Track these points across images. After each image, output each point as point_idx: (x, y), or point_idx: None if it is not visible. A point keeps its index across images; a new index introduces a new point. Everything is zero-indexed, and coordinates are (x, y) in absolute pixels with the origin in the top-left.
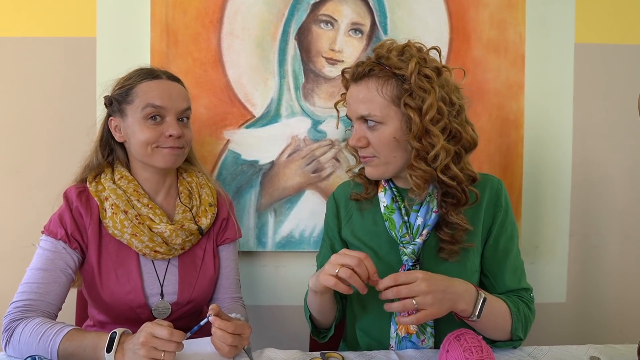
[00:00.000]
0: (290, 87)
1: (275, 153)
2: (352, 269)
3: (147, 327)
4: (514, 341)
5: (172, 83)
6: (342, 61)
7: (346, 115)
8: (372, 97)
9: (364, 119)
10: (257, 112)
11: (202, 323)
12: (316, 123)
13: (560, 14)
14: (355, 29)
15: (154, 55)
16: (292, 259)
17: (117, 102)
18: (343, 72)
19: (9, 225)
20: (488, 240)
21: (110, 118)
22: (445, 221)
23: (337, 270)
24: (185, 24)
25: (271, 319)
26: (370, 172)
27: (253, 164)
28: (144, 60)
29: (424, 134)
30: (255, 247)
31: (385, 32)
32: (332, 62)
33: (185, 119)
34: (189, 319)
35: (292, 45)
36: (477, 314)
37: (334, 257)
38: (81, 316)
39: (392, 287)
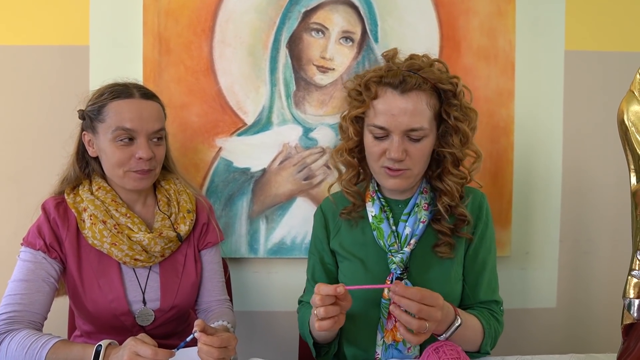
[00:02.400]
0: (281, 95)
1: (267, 160)
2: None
3: (130, 345)
4: (480, 353)
5: (145, 102)
6: (333, 69)
7: (376, 127)
8: (422, 110)
9: (406, 132)
10: (249, 119)
11: (188, 339)
12: (307, 130)
13: (550, 21)
14: (346, 37)
15: (146, 63)
16: (284, 266)
17: (89, 118)
18: (369, 79)
19: (2, 231)
20: (468, 250)
21: (84, 132)
22: (446, 215)
23: (315, 313)
24: (178, 32)
25: (263, 325)
26: (399, 184)
27: (245, 171)
28: (137, 68)
29: (466, 144)
30: (247, 254)
31: (376, 40)
32: (323, 70)
33: (157, 139)
34: (174, 324)
35: (284, 54)
36: (446, 336)
37: (311, 301)
38: (73, 327)
39: (414, 301)
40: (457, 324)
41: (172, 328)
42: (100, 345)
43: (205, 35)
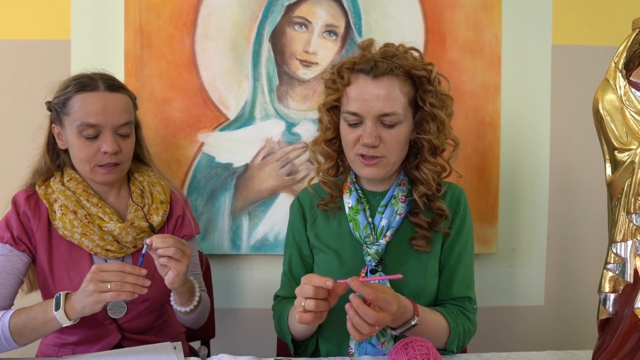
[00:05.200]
0: (264, 90)
1: (250, 156)
2: (314, 298)
3: (94, 266)
4: (446, 351)
5: (111, 95)
6: (317, 63)
7: (350, 113)
8: (395, 95)
9: (380, 117)
10: (231, 114)
11: (143, 252)
12: (290, 125)
13: (537, 15)
14: (330, 30)
15: (127, 57)
16: (267, 262)
17: (55, 111)
18: (342, 66)
19: None
20: (444, 244)
21: (53, 125)
22: (423, 208)
23: (303, 304)
24: (159, 27)
25: (246, 322)
26: (375, 173)
27: (227, 166)
28: (118, 63)
29: (443, 132)
30: (230, 250)
31: (360, 34)
32: (307, 64)
33: (124, 132)
34: (149, 317)
35: (266, 48)
36: (399, 332)
37: (296, 290)
38: None
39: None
40: (412, 323)
41: (148, 322)
42: (60, 293)
43: (187, 29)
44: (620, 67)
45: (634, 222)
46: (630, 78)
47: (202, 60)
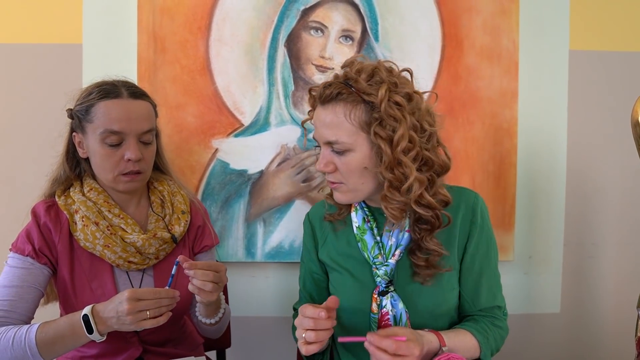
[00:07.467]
0: (279, 95)
1: (265, 162)
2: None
3: (129, 293)
4: None
5: (134, 102)
6: (332, 68)
7: (313, 137)
8: (339, 122)
9: (329, 144)
10: (246, 120)
11: (173, 272)
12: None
13: (554, 20)
14: (346, 35)
15: (140, 62)
16: (282, 270)
17: (77, 118)
18: (310, 90)
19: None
20: (464, 257)
21: (74, 133)
22: (419, 246)
23: (304, 336)
24: (173, 31)
25: (260, 331)
26: (338, 198)
27: (242, 173)
28: (131, 67)
29: (396, 165)
30: (244, 258)
31: (377, 39)
32: (322, 69)
33: (146, 140)
34: (169, 329)
35: (282, 53)
36: None
37: (296, 322)
38: None
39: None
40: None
41: (168, 334)
42: (86, 314)
43: (202, 33)
44: None
45: None
46: None
47: (217, 65)
